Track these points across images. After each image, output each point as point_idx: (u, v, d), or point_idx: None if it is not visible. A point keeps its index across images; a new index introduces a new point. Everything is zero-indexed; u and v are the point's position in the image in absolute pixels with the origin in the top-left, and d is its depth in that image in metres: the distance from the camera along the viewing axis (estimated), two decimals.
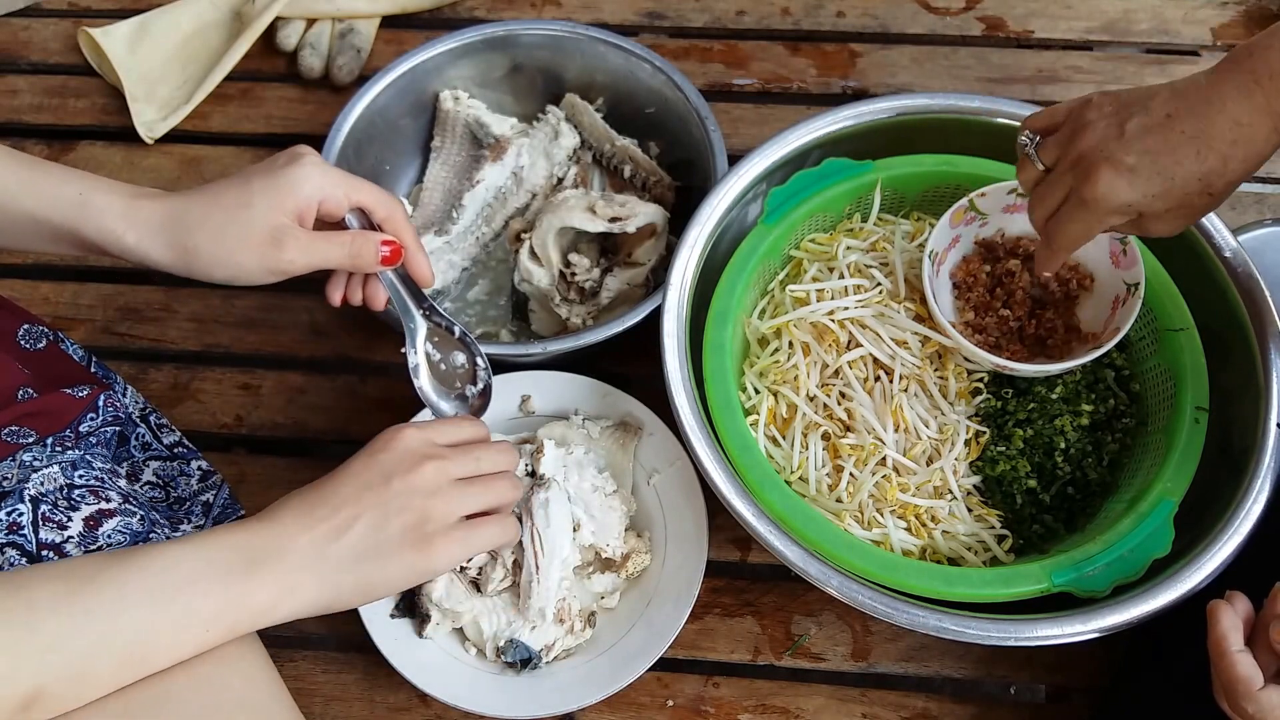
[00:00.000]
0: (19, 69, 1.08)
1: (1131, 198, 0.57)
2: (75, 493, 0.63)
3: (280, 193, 0.62)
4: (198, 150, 1.01)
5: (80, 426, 0.70)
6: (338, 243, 0.64)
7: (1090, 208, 0.58)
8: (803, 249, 0.79)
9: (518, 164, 0.91)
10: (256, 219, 0.61)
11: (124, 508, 0.64)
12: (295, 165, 0.63)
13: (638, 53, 0.90)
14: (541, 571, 0.69)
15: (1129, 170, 0.57)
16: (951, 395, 0.72)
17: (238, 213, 0.61)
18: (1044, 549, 0.70)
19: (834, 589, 0.63)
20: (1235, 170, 0.56)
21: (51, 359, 0.74)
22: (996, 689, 0.74)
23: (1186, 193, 0.57)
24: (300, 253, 0.62)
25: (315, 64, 1.04)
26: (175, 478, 0.77)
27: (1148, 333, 0.73)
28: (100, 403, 0.72)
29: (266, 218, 0.61)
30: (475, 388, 0.71)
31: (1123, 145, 0.57)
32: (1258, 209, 0.94)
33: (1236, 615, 0.56)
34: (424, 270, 0.68)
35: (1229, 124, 0.55)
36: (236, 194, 0.62)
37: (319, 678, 0.75)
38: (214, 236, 0.61)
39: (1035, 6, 1.08)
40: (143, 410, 0.79)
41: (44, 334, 0.74)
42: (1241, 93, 0.55)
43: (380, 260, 0.65)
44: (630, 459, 0.77)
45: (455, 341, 0.68)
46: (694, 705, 0.73)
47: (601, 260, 0.87)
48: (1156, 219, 0.59)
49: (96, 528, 0.62)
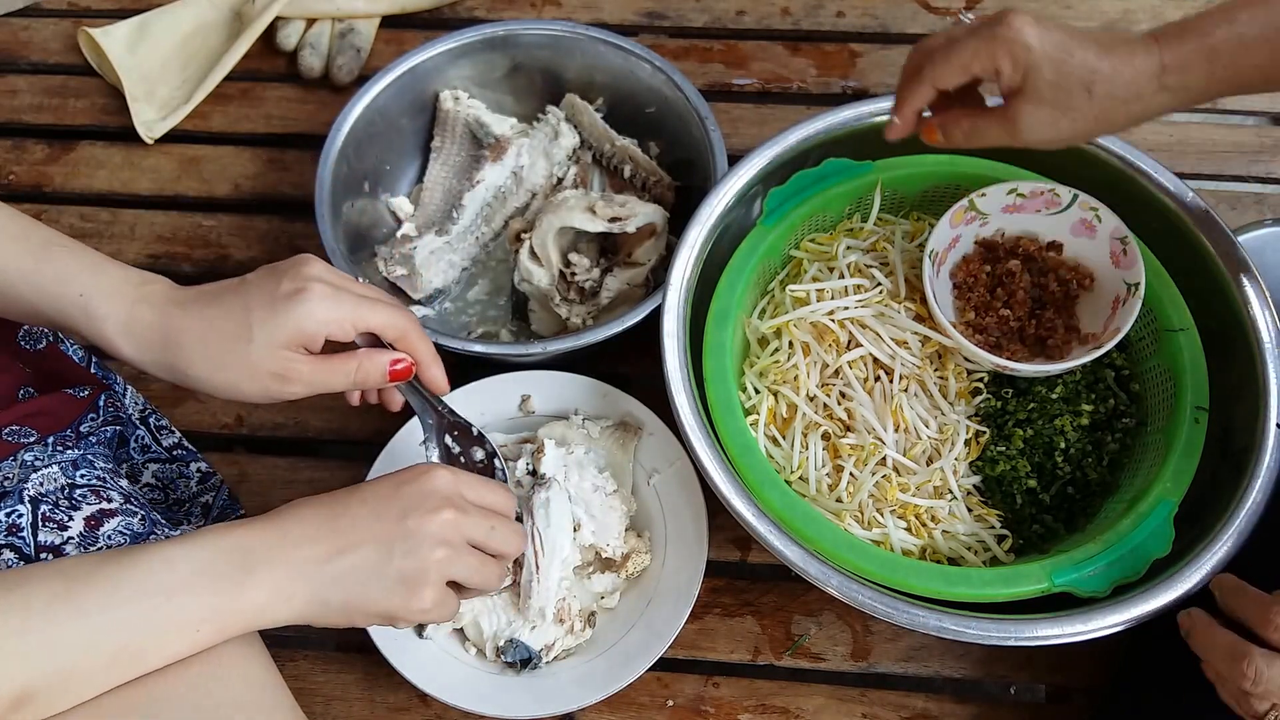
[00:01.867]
0: (19, 69, 1.08)
1: (1033, 41, 0.61)
2: (77, 492, 0.63)
3: (282, 329, 0.58)
4: (198, 150, 1.01)
5: (81, 426, 0.70)
6: (342, 371, 0.61)
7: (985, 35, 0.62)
8: (803, 249, 0.79)
9: (518, 164, 0.91)
10: (255, 354, 0.58)
11: (126, 507, 0.64)
12: (299, 300, 0.58)
13: (638, 53, 0.90)
14: (542, 571, 0.70)
15: (1037, 23, 0.61)
16: (951, 395, 0.72)
17: (236, 345, 0.58)
18: (1044, 549, 0.70)
19: (834, 589, 0.63)
20: (1120, 93, 0.61)
21: (51, 359, 0.74)
22: (996, 689, 0.74)
23: (1072, 75, 0.61)
24: (303, 385, 0.60)
25: (315, 64, 1.04)
26: (174, 480, 0.77)
27: (1148, 333, 0.73)
28: (101, 402, 0.72)
29: (267, 355, 0.58)
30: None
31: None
32: (1258, 209, 0.94)
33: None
34: (438, 382, 0.65)
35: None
36: (236, 324, 0.59)
37: (319, 677, 0.75)
38: (211, 368, 0.59)
39: (1035, 7, 1.08)
40: (142, 412, 0.79)
41: (44, 334, 0.74)
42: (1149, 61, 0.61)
43: (389, 378, 0.63)
44: (630, 459, 0.77)
45: (474, 438, 0.67)
46: (694, 705, 0.73)
47: (601, 260, 0.87)
48: (1035, 99, 0.62)
49: (97, 527, 0.61)
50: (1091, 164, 0.78)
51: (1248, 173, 0.97)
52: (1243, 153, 0.97)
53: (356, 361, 0.62)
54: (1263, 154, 0.97)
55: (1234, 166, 0.97)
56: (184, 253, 0.95)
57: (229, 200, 0.99)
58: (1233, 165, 0.97)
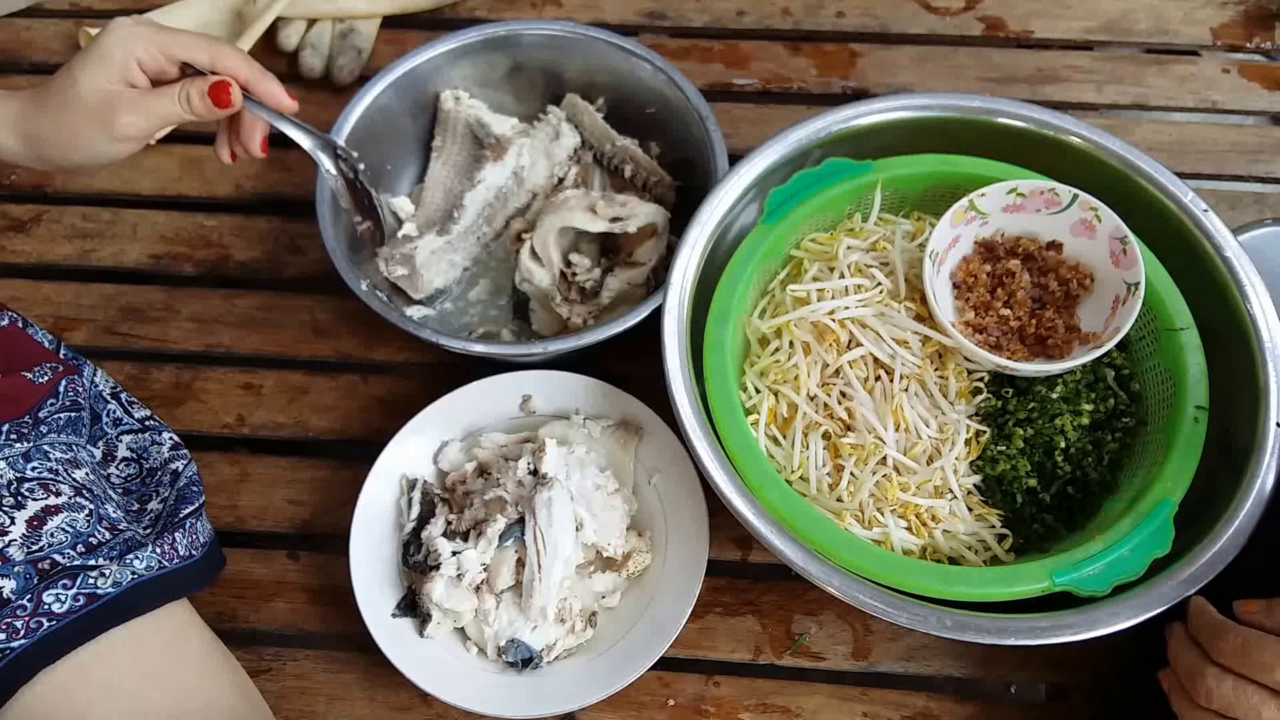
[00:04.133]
0: (20, 69, 1.08)
1: None
2: (25, 486, 0.63)
3: (97, 62, 0.64)
4: (198, 150, 1.01)
5: (40, 412, 0.70)
6: (169, 96, 0.66)
7: None
8: (803, 248, 0.79)
9: (518, 164, 0.91)
10: (84, 93, 0.64)
11: (74, 502, 0.63)
12: (106, 32, 0.65)
13: (638, 52, 0.90)
14: (544, 570, 0.70)
15: None
16: (952, 395, 0.72)
17: (67, 92, 0.64)
18: (1044, 548, 0.70)
19: (835, 588, 0.63)
20: None
21: (10, 338, 0.74)
22: (997, 688, 0.74)
23: None
24: (135, 113, 0.65)
25: (316, 64, 1.04)
26: (148, 448, 0.77)
27: (1148, 332, 0.73)
28: (61, 388, 0.72)
29: (92, 88, 0.64)
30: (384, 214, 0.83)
31: None
32: (1258, 209, 0.94)
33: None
34: (276, 96, 0.70)
35: None
36: (63, 76, 0.65)
37: (320, 677, 0.75)
38: (55, 121, 0.64)
39: (1035, 6, 1.08)
40: (113, 389, 0.79)
41: (4, 313, 0.74)
42: None
43: (212, 100, 0.67)
44: (631, 458, 0.77)
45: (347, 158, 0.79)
46: (695, 704, 0.74)
47: (602, 260, 0.87)
48: None
49: (40, 527, 0.61)
50: (1091, 164, 0.78)
51: (1248, 172, 0.97)
52: (1243, 153, 0.97)
53: (179, 86, 0.66)
54: (1263, 154, 0.97)
55: (1234, 166, 0.97)
56: (186, 253, 0.95)
57: (230, 200, 0.99)
58: (1233, 165, 0.97)
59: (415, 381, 0.88)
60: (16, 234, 0.97)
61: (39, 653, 0.58)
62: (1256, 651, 0.55)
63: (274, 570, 0.80)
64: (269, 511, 0.82)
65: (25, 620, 0.58)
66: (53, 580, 0.60)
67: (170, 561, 0.66)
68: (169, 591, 0.65)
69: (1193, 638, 0.60)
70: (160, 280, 0.94)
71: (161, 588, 0.64)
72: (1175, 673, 0.60)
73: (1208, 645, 0.58)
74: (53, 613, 0.59)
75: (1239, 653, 0.56)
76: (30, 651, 0.58)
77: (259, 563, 0.80)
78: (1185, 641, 0.60)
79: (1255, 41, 1.05)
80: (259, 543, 0.81)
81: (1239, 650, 0.56)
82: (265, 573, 0.79)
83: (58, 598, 0.60)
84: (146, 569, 0.64)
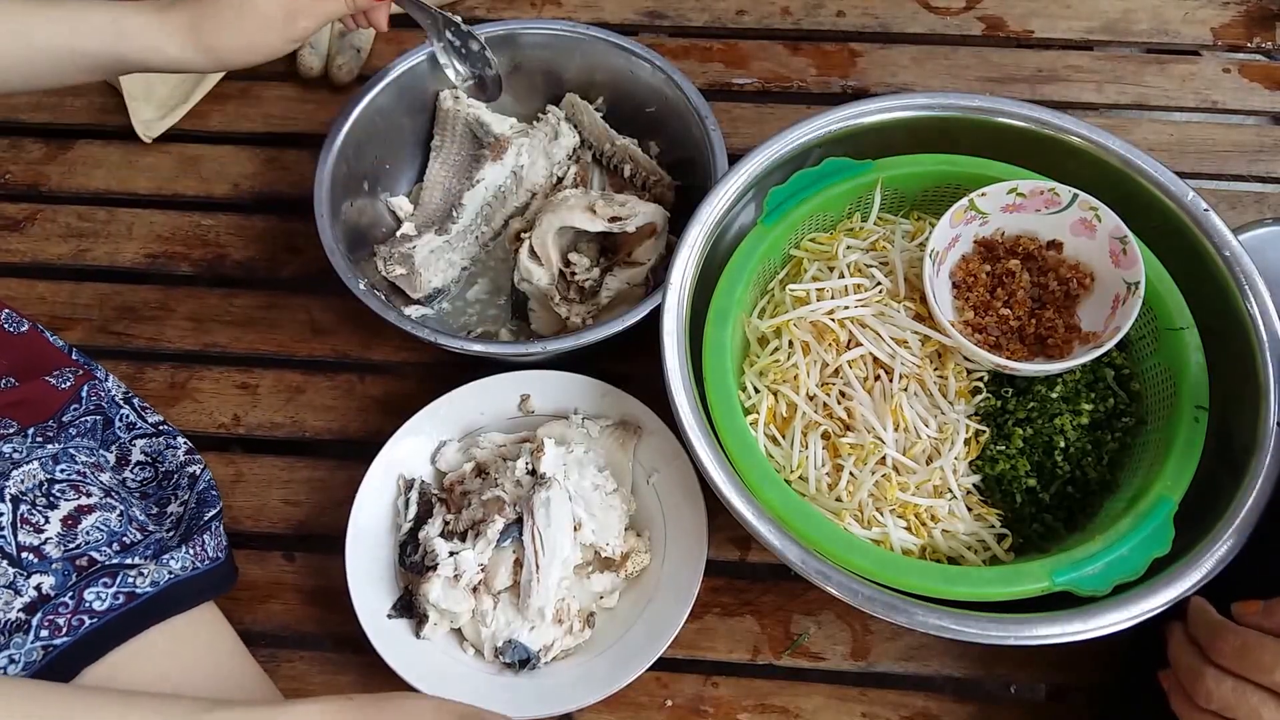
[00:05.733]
0: None
1: None
2: (55, 488, 0.64)
3: None
4: (196, 149, 1.01)
5: (63, 417, 0.70)
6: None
7: None
8: (803, 248, 0.79)
9: (517, 163, 0.91)
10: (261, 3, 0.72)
11: (105, 502, 0.64)
12: None
13: (638, 52, 0.90)
14: (542, 571, 0.69)
15: None
16: (951, 394, 0.72)
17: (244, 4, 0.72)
18: (1044, 548, 0.69)
19: (834, 588, 0.63)
20: None
21: (33, 344, 0.74)
22: (997, 688, 0.74)
23: None
24: (310, 18, 0.74)
25: (314, 63, 1.04)
26: (163, 452, 0.78)
27: (1148, 332, 0.73)
28: (84, 393, 0.72)
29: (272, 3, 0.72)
30: (490, 71, 0.90)
31: None
32: (1258, 209, 0.94)
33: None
34: None
35: None
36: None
37: (316, 679, 0.75)
38: (234, 30, 0.72)
39: (1035, 6, 1.08)
40: (125, 394, 0.80)
41: (25, 319, 0.75)
42: None
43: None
44: (630, 458, 0.77)
45: (467, 33, 0.87)
46: (693, 705, 0.73)
47: (601, 259, 0.87)
48: None
49: (75, 525, 0.62)
50: (1091, 164, 0.78)
51: (1248, 172, 0.97)
52: (1243, 152, 0.97)
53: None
54: (1263, 153, 0.97)
55: (1234, 166, 0.97)
56: (182, 252, 0.95)
57: (227, 200, 0.99)
58: (1233, 165, 0.97)
59: (413, 381, 0.87)
60: (11, 232, 0.96)
61: (82, 649, 0.60)
62: (1256, 652, 0.55)
63: (269, 571, 0.79)
64: (265, 512, 0.82)
65: (67, 618, 0.60)
66: (93, 578, 0.62)
67: (202, 563, 0.68)
68: (203, 591, 0.67)
69: (1192, 638, 0.59)
70: (156, 279, 0.94)
71: (196, 587, 0.66)
72: (1175, 673, 0.60)
73: (1207, 646, 0.58)
74: (94, 610, 0.61)
75: (1239, 654, 0.56)
76: (73, 648, 0.59)
77: (254, 564, 0.79)
78: (1185, 642, 0.60)
79: (1256, 41, 1.05)
80: (254, 543, 0.80)
81: (1239, 651, 0.56)
82: (260, 574, 0.79)
83: (98, 595, 0.61)
84: (182, 569, 0.66)
